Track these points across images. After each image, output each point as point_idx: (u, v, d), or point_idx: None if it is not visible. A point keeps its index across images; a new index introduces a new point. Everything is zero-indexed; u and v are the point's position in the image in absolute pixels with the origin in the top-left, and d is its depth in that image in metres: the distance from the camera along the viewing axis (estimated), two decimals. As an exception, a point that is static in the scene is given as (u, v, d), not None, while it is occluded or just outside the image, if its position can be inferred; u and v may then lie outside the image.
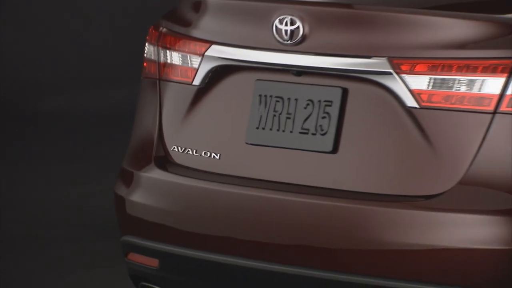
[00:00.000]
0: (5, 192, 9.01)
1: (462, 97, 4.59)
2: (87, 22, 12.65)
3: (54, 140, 10.53)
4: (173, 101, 5.19)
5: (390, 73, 4.66)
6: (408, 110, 4.61)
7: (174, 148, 5.13)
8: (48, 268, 7.42)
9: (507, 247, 4.52)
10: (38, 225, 8.22)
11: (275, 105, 4.87)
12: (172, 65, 5.19)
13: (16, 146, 10.39)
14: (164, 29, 5.21)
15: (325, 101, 4.77)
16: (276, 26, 4.77)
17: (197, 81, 5.05)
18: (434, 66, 4.63)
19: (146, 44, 5.30)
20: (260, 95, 4.89)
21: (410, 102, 4.62)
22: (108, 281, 7.10)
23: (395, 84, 4.65)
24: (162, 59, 5.22)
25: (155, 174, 5.10)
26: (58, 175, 9.27)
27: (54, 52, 12.39)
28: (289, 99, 4.86)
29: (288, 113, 4.84)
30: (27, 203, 8.77)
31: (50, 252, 7.75)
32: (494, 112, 4.54)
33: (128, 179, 5.15)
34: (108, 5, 12.70)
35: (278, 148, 4.84)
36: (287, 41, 4.77)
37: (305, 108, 4.81)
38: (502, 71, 4.55)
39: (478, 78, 4.60)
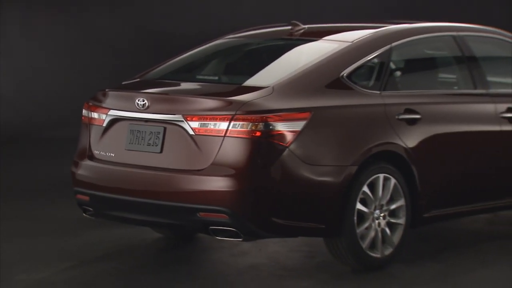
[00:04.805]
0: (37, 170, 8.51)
1: (211, 130, 4.86)
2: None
3: (49, 147, 9.85)
4: (94, 132, 5.32)
5: (183, 121, 4.92)
6: (190, 135, 4.92)
7: (95, 151, 5.29)
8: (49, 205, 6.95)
9: (233, 189, 4.78)
10: (55, 180, 7.83)
11: (137, 134, 5.12)
12: (93, 118, 5.32)
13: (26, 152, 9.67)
14: (91, 103, 5.37)
15: (156, 132, 5.04)
16: (137, 102, 5.06)
17: (104, 124, 5.24)
18: (201, 118, 4.89)
19: (83, 109, 5.39)
20: (131, 130, 5.14)
21: (191, 132, 4.91)
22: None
23: (185, 125, 4.93)
24: (89, 115, 5.35)
25: (87, 162, 5.29)
26: (57, 162, 8.62)
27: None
28: (142, 131, 5.10)
29: (142, 137, 5.10)
30: (50, 172, 8.37)
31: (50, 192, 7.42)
32: (224, 136, 4.84)
33: (76, 164, 5.36)
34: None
35: (138, 151, 5.10)
36: (141, 108, 5.05)
37: (149, 135, 5.07)
38: (226, 120, 4.84)
39: (218, 122, 4.86)
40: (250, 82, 5.18)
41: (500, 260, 5.41)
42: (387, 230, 5.28)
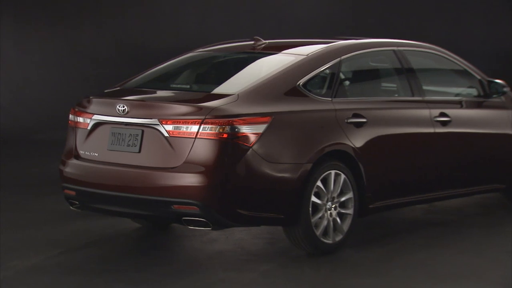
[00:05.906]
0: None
1: (184, 132, 4.84)
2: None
3: (40, 148, 9.60)
4: (80, 135, 5.30)
5: (159, 124, 4.91)
6: (165, 137, 4.90)
7: (81, 151, 5.28)
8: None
9: (204, 184, 4.74)
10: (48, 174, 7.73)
11: (118, 136, 5.10)
12: (79, 122, 5.30)
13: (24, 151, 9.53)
14: (76, 109, 5.35)
15: (135, 134, 5.03)
16: (117, 108, 5.05)
17: (88, 127, 5.23)
18: (174, 121, 4.84)
19: (70, 114, 5.38)
20: (112, 133, 5.13)
21: (166, 134, 4.89)
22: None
23: (161, 128, 4.91)
24: (75, 119, 5.33)
25: (73, 161, 5.28)
26: (47, 161, 8.54)
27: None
28: (123, 134, 5.08)
29: (122, 139, 5.08)
30: (40, 169, 8.18)
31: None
32: (195, 138, 4.81)
33: (63, 163, 5.35)
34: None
35: (119, 151, 5.07)
36: (122, 113, 5.04)
37: (128, 137, 5.06)
38: (197, 123, 4.80)
39: (189, 125, 4.83)
40: (218, 90, 5.18)
41: (434, 244, 5.50)
42: (338, 219, 5.33)
